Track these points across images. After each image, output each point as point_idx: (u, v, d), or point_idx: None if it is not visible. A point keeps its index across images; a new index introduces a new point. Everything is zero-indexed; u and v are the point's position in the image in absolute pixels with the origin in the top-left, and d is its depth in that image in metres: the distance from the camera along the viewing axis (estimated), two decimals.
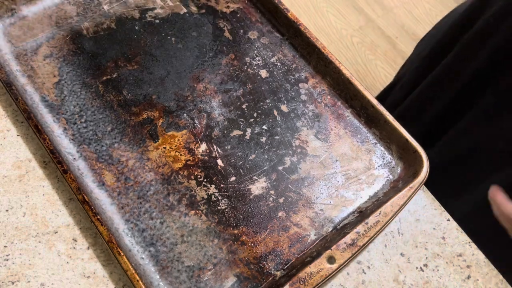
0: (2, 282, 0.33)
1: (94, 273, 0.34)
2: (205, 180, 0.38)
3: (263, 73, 0.44)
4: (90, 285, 0.34)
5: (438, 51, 0.57)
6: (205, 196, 0.37)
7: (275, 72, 0.44)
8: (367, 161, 0.41)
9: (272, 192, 0.38)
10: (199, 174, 0.38)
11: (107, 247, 0.33)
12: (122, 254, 0.32)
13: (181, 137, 0.40)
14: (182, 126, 0.40)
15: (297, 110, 0.43)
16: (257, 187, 0.38)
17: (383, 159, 0.41)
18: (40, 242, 0.34)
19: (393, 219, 0.36)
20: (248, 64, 0.45)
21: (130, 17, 0.45)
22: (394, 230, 0.39)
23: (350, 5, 1.61)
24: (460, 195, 0.52)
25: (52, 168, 0.37)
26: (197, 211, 0.36)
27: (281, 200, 0.38)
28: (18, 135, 0.38)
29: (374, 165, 0.41)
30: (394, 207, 0.36)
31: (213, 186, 0.38)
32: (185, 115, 0.41)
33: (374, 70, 1.40)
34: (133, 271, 0.31)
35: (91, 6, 0.45)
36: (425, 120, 0.57)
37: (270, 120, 0.42)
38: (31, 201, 0.36)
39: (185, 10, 0.47)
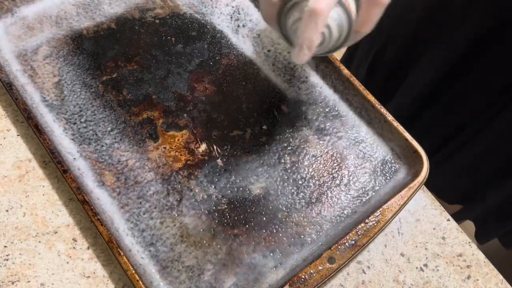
0: (2, 282, 0.33)
1: (94, 273, 0.34)
2: (205, 180, 0.38)
3: (263, 73, 0.44)
4: (90, 285, 0.34)
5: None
6: (205, 196, 0.37)
7: (275, 72, 0.44)
8: (367, 161, 0.41)
9: (272, 192, 0.38)
10: (199, 174, 0.38)
11: (107, 247, 0.33)
12: (122, 254, 0.32)
13: (181, 137, 0.40)
14: (182, 126, 0.40)
15: (297, 110, 0.43)
16: (257, 187, 0.38)
17: (383, 159, 0.41)
18: (40, 242, 0.34)
19: (393, 219, 0.36)
20: (248, 63, 0.45)
21: (130, 17, 0.45)
22: (394, 230, 0.39)
23: None
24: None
25: (52, 168, 0.37)
26: (197, 211, 0.36)
27: (281, 200, 0.38)
28: (18, 135, 0.38)
29: (374, 165, 0.41)
30: (394, 207, 0.36)
31: (213, 186, 0.38)
32: (185, 115, 0.41)
33: None
34: (133, 271, 0.31)
35: (91, 6, 0.45)
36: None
37: (270, 120, 0.42)
38: (31, 201, 0.36)
39: (185, 10, 0.47)
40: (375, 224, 0.35)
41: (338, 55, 0.46)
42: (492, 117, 0.51)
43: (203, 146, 0.40)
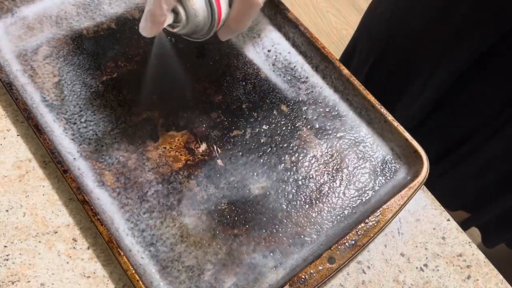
0: (2, 282, 0.33)
1: (94, 273, 0.34)
2: (205, 180, 0.38)
3: (263, 73, 0.44)
4: (90, 285, 0.34)
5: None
6: (205, 196, 0.37)
7: (275, 72, 0.44)
8: (367, 161, 0.41)
9: (272, 192, 0.38)
10: (199, 174, 0.38)
11: (107, 247, 0.33)
12: (122, 254, 0.32)
13: (181, 137, 0.40)
14: (182, 126, 0.40)
15: (297, 110, 0.43)
16: (257, 187, 0.38)
17: (383, 159, 0.41)
18: (40, 242, 0.34)
19: (393, 219, 0.36)
20: (248, 63, 0.45)
21: (130, 17, 0.45)
22: (394, 230, 0.39)
23: (350, 5, 1.61)
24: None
25: (52, 168, 0.37)
26: (197, 211, 0.36)
27: (281, 200, 0.38)
28: (18, 135, 0.38)
29: (374, 165, 0.41)
30: (394, 207, 0.36)
31: (213, 186, 0.38)
32: (185, 115, 0.41)
33: None
34: (133, 271, 0.31)
35: (91, 6, 0.45)
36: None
37: (270, 120, 0.42)
38: (31, 201, 0.36)
39: None
40: (375, 224, 0.35)
41: None
42: (499, 126, 0.50)
43: (203, 146, 0.40)
